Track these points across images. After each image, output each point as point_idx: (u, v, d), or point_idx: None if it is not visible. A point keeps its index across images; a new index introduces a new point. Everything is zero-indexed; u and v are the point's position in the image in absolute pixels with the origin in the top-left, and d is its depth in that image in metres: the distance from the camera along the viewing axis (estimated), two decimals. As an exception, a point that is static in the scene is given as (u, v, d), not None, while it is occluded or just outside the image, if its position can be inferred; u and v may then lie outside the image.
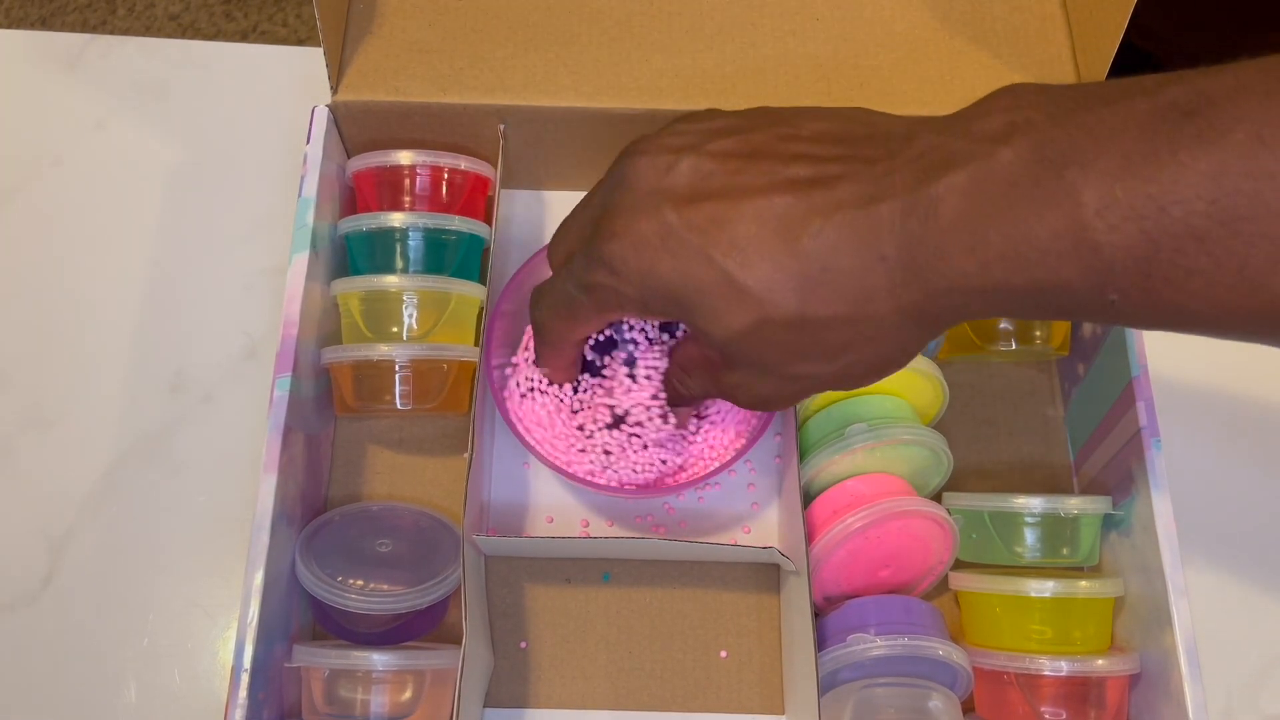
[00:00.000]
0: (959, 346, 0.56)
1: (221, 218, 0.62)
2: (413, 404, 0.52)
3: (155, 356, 0.58)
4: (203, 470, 0.56)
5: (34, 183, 0.62)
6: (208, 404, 0.57)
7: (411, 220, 0.53)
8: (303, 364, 0.50)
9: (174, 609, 0.53)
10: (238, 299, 0.60)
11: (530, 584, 0.54)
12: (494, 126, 0.56)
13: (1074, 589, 0.48)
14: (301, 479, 0.50)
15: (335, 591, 0.47)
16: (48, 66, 0.65)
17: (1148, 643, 0.47)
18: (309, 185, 0.52)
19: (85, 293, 0.60)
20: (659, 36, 0.56)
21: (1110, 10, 0.52)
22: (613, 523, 0.55)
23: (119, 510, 0.55)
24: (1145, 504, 0.48)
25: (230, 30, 1.52)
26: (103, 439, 0.57)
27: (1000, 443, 0.57)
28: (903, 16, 0.57)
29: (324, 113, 0.53)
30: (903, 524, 0.48)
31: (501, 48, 0.55)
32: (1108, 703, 0.47)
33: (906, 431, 0.49)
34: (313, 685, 0.47)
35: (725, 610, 0.53)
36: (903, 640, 0.46)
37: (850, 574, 0.50)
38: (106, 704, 0.51)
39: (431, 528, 0.52)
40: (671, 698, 0.52)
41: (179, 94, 0.65)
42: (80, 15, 1.53)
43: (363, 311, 0.53)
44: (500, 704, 0.51)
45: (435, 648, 0.48)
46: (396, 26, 0.56)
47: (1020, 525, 0.51)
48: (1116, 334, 0.51)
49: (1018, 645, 0.48)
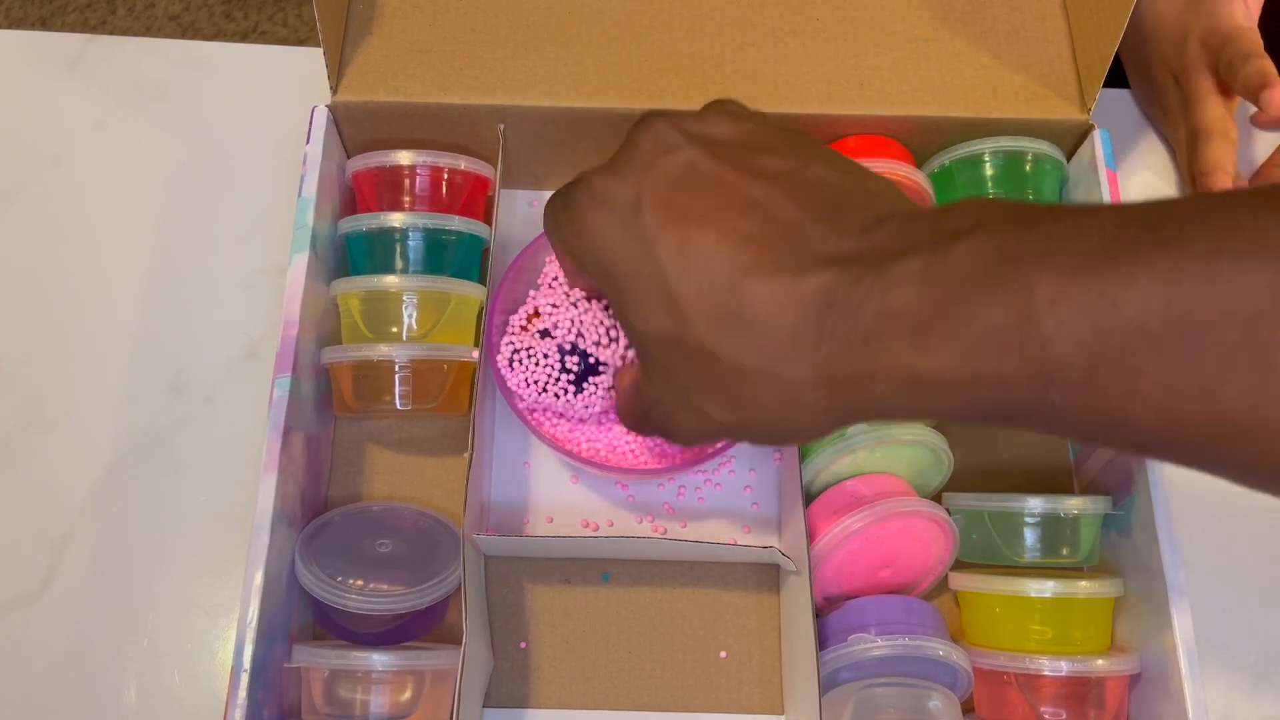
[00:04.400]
0: (959, 346, 0.55)
1: (221, 218, 0.62)
2: (412, 404, 0.52)
3: (155, 356, 0.58)
4: (203, 470, 0.56)
5: (34, 183, 0.62)
6: (208, 404, 0.58)
7: (411, 220, 0.53)
8: (302, 364, 0.50)
9: (174, 609, 0.53)
10: (238, 299, 0.60)
11: (530, 584, 0.54)
12: (494, 126, 0.56)
13: (1074, 589, 0.48)
14: (301, 479, 0.50)
15: (335, 591, 0.47)
16: (48, 66, 0.65)
17: (1148, 643, 0.47)
18: (309, 185, 0.52)
19: (85, 293, 0.60)
20: (659, 36, 0.56)
21: (1110, 10, 0.52)
22: (613, 523, 0.55)
23: (119, 510, 0.55)
24: (1145, 504, 0.48)
25: (230, 30, 1.52)
26: (103, 439, 0.57)
27: (1000, 443, 0.57)
28: (903, 16, 0.57)
29: (324, 113, 0.53)
30: (903, 524, 0.48)
31: (501, 48, 0.55)
32: (1108, 703, 0.47)
33: (907, 431, 0.49)
34: (312, 685, 0.47)
35: (725, 610, 0.53)
36: (903, 640, 0.46)
37: (850, 574, 0.50)
38: (106, 704, 0.51)
39: (431, 528, 0.52)
40: (671, 698, 0.52)
41: (179, 94, 0.65)
42: (80, 15, 1.53)
43: (363, 311, 0.53)
44: (500, 704, 0.51)
45: (435, 648, 0.48)
46: (396, 26, 0.56)
47: (1020, 525, 0.51)
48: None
49: (1018, 645, 0.48)
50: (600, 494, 0.55)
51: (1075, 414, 0.29)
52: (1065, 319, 0.28)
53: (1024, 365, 0.28)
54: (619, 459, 0.53)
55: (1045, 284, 0.28)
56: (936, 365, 0.30)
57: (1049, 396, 0.29)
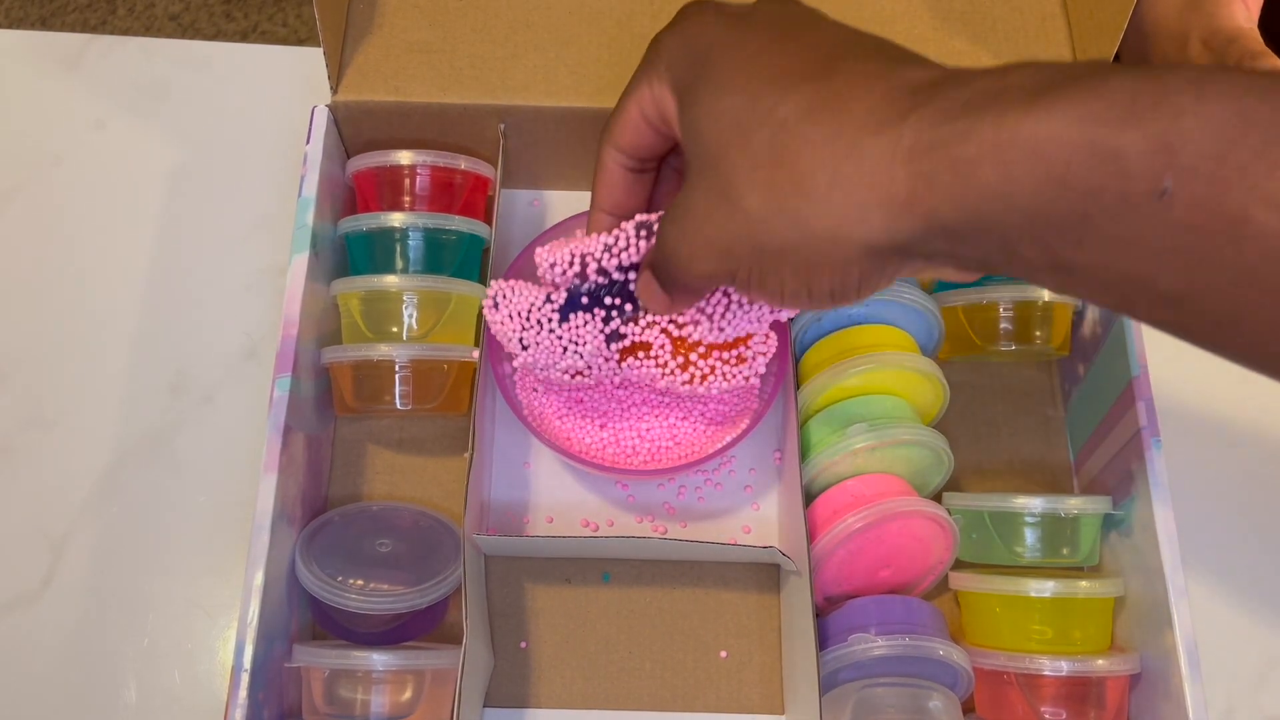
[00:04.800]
0: (959, 346, 0.56)
1: (221, 218, 0.62)
2: (413, 404, 0.52)
3: (155, 356, 0.58)
4: (203, 470, 0.56)
5: (34, 183, 0.62)
6: (208, 404, 0.57)
7: (411, 220, 0.53)
8: (303, 364, 0.50)
9: (174, 609, 0.53)
10: (238, 299, 0.60)
11: (530, 584, 0.54)
12: (494, 126, 0.56)
13: (1074, 589, 0.48)
14: (301, 479, 0.50)
15: (335, 591, 0.47)
16: (48, 66, 0.65)
17: (1148, 643, 0.47)
18: (309, 185, 0.52)
19: (85, 292, 0.60)
20: (659, 36, 0.56)
21: (1110, 10, 0.52)
22: (613, 523, 0.55)
23: (119, 510, 0.55)
24: (1145, 504, 0.48)
25: (230, 30, 1.52)
26: (103, 439, 0.57)
27: (1000, 443, 0.57)
28: (903, 16, 0.57)
29: (324, 113, 0.53)
30: (903, 524, 0.48)
31: (501, 48, 0.55)
32: (1108, 703, 0.47)
33: (907, 431, 0.49)
34: (313, 685, 0.47)
35: (725, 610, 0.53)
36: (904, 640, 0.46)
37: (851, 574, 0.50)
38: (106, 704, 0.51)
39: (431, 528, 0.52)
40: (671, 698, 0.52)
41: (179, 94, 0.65)
42: (80, 15, 1.53)
43: (363, 311, 0.53)
44: (500, 704, 0.51)
45: (435, 648, 0.48)
46: (396, 26, 0.56)
47: (1020, 525, 0.51)
48: (1117, 334, 0.51)
49: (1018, 645, 0.48)
50: (600, 494, 0.55)
51: (1182, 211, 0.26)
52: (1208, 95, 0.26)
53: (1147, 138, 0.26)
54: (619, 459, 0.53)
55: (1189, 68, 0.26)
56: (1047, 129, 0.27)
57: (1162, 183, 0.26)
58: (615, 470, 0.51)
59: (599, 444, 0.53)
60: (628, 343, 0.47)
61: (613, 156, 0.43)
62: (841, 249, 0.33)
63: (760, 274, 0.35)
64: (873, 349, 0.51)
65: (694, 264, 0.37)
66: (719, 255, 0.36)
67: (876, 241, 0.32)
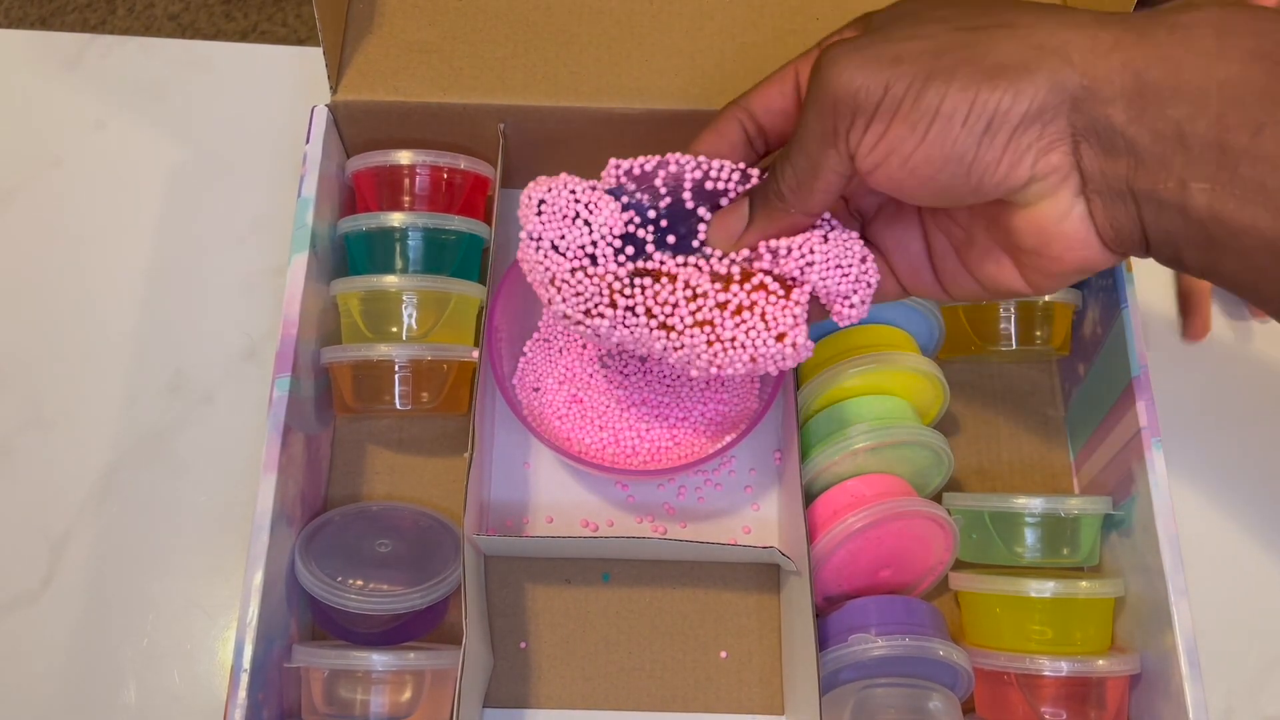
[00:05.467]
0: (959, 346, 0.56)
1: (221, 218, 0.62)
2: (412, 404, 0.52)
3: (155, 356, 0.58)
4: (203, 470, 0.56)
5: (34, 183, 0.62)
6: (208, 404, 0.57)
7: (411, 220, 0.53)
8: (302, 364, 0.50)
9: (174, 609, 0.53)
10: (238, 299, 0.60)
11: (530, 584, 0.54)
12: (494, 126, 0.56)
13: (1074, 589, 0.48)
14: (301, 479, 0.50)
15: (335, 591, 0.47)
16: (48, 66, 0.65)
17: (1148, 643, 0.47)
18: (309, 185, 0.52)
19: (85, 293, 0.60)
20: (659, 36, 0.56)
21: (1110, 10, 0.52)
22: (613, 523, 0.55)
23: (119, 510, 0.55)
24: (1145, 504, 0.48)
25: (230, 30, 1.52)
26: (103, 439, 0.57)
27: (1000, 443, 0.57)
28: (903, 16, 0.57)
29: (324, 113, 0.53)
30: (903, 524, 0.48)
31: (501, 48, 0.55)
32: (1108, 703, 0.47)
33: (907, 431, 0.49)
34: (312, 685, 0.47)
35: (725, 610, 0.53)
36: (904, 640, 0.46)
37: (851, 574, 0.50)
38: (106, 704, 0.51)
39: (431, 528, 0.52)
40: (671, 698, 0.52)
41: (179, 94, 0.65)
42: (80, 15, 1.53)
43: (362, 311, 0.53)
44: (500, 704, 0.51)
45: (435, 648, 0.48)
46: (396, 26, 0.56)
47: (1020, 525, 0.51)
48: (1117, 334, 0.51)
49: (1018, 645, 0.48)
50: (600, 494, 0.55)
51: None
52: None
53: None
54: (619, 459, 0.53)
55: None
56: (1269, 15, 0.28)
57: None
58: (615, 470, 0.51)
59: (599, 444, 0.53)
60: (650, 266, 0.41)
61: (735, 114, 0.41)
62: (1027, 76, 0.31)
63: (921, 89, 0.32)
64: (873, 349, 0.51)
65: (851, 73, 0.33)
66: (885, 63, 0.33)
67: (1066, 80, 0.31)
